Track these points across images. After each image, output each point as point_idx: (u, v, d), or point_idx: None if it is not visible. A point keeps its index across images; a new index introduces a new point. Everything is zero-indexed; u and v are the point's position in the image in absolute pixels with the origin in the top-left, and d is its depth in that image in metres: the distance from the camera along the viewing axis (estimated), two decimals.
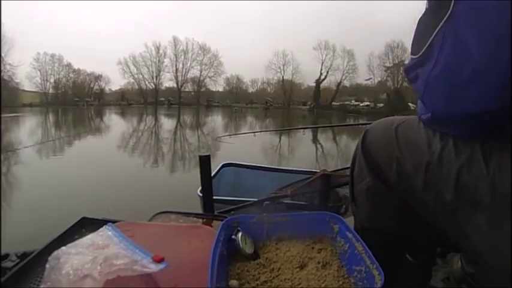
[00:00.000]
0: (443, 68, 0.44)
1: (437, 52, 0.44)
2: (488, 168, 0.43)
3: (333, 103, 39.51)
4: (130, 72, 42.35)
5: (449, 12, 0.42)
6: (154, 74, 42.66)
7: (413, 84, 0.51)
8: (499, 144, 0.44)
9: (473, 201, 0.44)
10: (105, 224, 0.54)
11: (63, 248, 0.45)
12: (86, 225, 0.65)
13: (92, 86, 43.27)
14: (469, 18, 0.41)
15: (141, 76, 42.79)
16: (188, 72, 43.39)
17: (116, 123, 18.19)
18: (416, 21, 0.50)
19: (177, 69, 43.00)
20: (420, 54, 0.47)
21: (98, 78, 43.11)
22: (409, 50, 0.52)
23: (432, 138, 0.51)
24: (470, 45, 0.40)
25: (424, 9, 0.49)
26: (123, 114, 27.47)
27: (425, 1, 0.48)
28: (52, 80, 39.39)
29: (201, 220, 0.78)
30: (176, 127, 16.71)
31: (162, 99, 43.88)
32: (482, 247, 0.44)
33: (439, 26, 0.43)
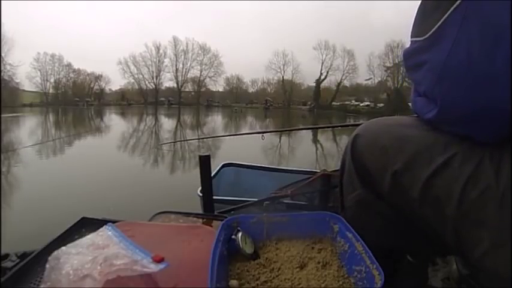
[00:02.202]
0: (465, 53, 0.36)
1: (455, 33, 0.37)
2: (497, 182, 0.37)
3: (333, 103, 39.54)
4: (131, 72, 42.54)
5: None
6: (155, 74, 42.82)
7: (416, 72, 0.44)
8: (509, 151, 0.37)
9: (479, 220, 0.39)
10: (105, 224, 0.54)
11: (63, 248, 0.45)
12: (86, 225, 0.65)
13: (92, 86, 43.39)
14: None
15: (141, 76, 42.99)
16: (188, 72, 43.55)
17: (116, 123, 18.19)
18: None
19: (177, 69, 43.15)
20: (427, 35, 0.39)
21: (98, 78, 43.27)
22: None
23: (433, 146, 0.44)
24: (505, 25, 0.34)
25: None
26: (123, 114, 27.45)
27: None
28: (52, 80, 39.56)
29: (201, 220, 0.78)
30: (176, 127, 16.70)
31: (162, 99, 43.89)
32: (483, 262, 0.40)
33: (457, 3, 0.36)
